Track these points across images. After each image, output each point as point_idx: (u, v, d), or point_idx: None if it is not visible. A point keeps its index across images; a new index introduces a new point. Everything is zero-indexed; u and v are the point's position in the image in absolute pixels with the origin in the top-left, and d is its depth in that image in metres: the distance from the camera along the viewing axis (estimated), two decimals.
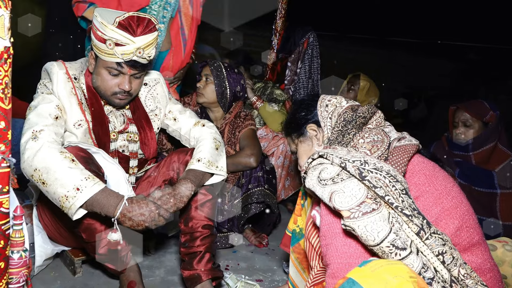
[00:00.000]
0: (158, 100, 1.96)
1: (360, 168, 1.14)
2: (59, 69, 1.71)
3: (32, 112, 1.62)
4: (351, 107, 1.42)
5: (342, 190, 1.12)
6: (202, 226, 1.77)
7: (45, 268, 1.93)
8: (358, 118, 1.37)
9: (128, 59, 1.65)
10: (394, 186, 1.12)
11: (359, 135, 1.32)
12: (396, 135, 1.33)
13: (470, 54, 7.66)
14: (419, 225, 1.09)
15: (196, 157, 1.78)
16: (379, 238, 1.06)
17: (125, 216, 1.49)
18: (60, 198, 1.45)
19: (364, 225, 1.07)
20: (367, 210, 1.08)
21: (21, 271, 1.06)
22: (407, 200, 1.12)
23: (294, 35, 3.52)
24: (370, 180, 1.12)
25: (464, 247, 1.17)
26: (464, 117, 2.58)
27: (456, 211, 1.20)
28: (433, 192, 1.21)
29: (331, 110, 1.44)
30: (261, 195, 2.28)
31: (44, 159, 1.48)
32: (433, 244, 1.09)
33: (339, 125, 1.37)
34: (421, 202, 1.19)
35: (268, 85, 3.13)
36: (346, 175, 1.16)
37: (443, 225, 1.17)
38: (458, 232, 1.17)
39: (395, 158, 1.23)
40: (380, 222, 1.07)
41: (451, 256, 1.09)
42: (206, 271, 1.74)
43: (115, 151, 1.83)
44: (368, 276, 0.98)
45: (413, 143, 1.29)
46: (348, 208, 1.10)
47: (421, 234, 1.09)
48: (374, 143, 1.28)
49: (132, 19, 1.62)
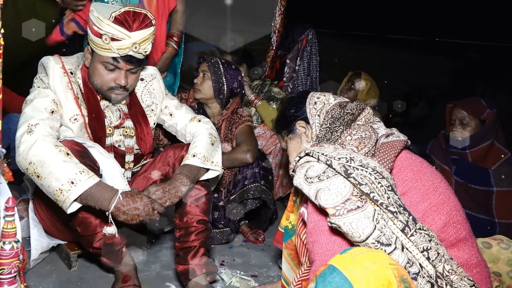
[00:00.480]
0: (155, 95, 1.97)
1: (346, 165, 1.15)
2: (55, 64, 1.72)
3: (28, 106, 1.63)
4: (339, 104, 1.42)
5: (327, 188, 1.13)
6: (197, 221, 1.78)
7: (41, 261, 1.94)
8: (346, 115, 1.37)
9: (124, 54, 1.66)
10: (380, 183, 1.13)
11: (346, 132, 1.33)
12: (384, 131, 1.33)
13: (469, 52, 7.64)
14: (404, 222, 1.10)
15: (191, 152, 1.78)
16: (364, 234, 1.07)
17: (119, 210, 1.49)
18: (55, 192, 1.46)
19: (349, 222, 1.08)
20: (352, 208, 1.09)
21: (13, 262, 1.07)
22: (392, 197, 1.13)
23: (293, 32, 3.52)
24: (356, 177, 1.13)
25: (450, 242, 1.18)
26: (461, 115, 2.58)
27: (443, 207, 1.20)
28: (420, 188, 1.21)
29: (319, 107, 1.44)
30: (257, 191, 2.28)
31: (39, 152, 1.48)
32: (418, 241, 1.10)
33: (327, 122, 1.38)
34: (407, 198, 1.19)
35: (266, 82, 3.13)
36: (332, 172, 1.17)
37: (430, 221, 1.18)
38: (445, 228, 1.18)
39: (382, 155, 1.23)
40: (364, 219, 1.09)
41: (436, 252, 1.10)
42: (200, 266, 1.74)
43: (111, 146, 1.84)
44: (348, 262, 1.00)
45: (401, 139, 1.29)
46: (333, 205, 1.11)
47: (406, 230, 1.09)
48: (362, 139, 1.28)
49: (128, 14, 1.63)
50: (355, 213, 1.09)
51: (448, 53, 7.66)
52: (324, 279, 0.99)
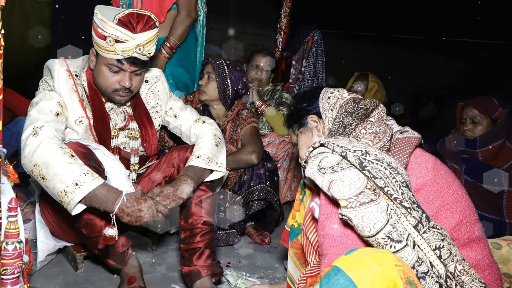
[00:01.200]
0: (159, 97, 1.97)
1: (361, 158, 1.13)
2: (60, 66, 1.73)
3: (33, 109, 1.64)
4: (353, 99, 1.41)
5: (341, 179, 1.11)
6: (202, 222, 1.78)
7: (47, 263, 1.95)
8: (360, 109, 1.36)
9: (128, 55, 1.66)
10: (394, 178, 1.11)
11: (361, 126, 1.32)
12: (398, 127, 1.33)
13: (478, 51, 7.56)
14: (418, 218, 1.08)
15: (195, 153, 1.78)
16: (375, 229, 1.05)
17: (123, 212, 1.49)
18: (59, 193, 1.46)
19: (361, 215, 1.06)
20: (365, 201, 1.08)
21: (15, 262, 1.07)
22: (407, 193, 1.11)
23: (298, 34, 3.51)
24: (370, 171, 1.11)
25: (463, 242, 1.16)
26: (472, 114, 2.54)
27: (456, 206, 1.19)
28: (434, 186, 1.19)
29: (333, 102, 1.43)
30: (263, 192, 2.27)
31: (44, 154, 1.49)
32: (430, 238, 1.08)
33: (341, 116, 1.37)
34: (421, 195, 1.18)
35: (278, 88, 3.07)
36: (347, 164, 1.15)
37: (443, 219, 1.16)
38: (457, 227, 1.16)
39: (397, 150, 1.22)
40: (377, 213, 1.07)
41: (449, 251, 1.08)
42: (205, 267, 1.74)
43: (116, 148, 1.84)
44: (352, 263, 0.98)
45: (416, 136, 1.28)
46: (346, 197, 1.09)
47: (419, 227, 1.08)
48: (376, 134, 1.27)
49: (132, 16, 1.63)
50: (368, 206, 1.07)
51: (455, 52, 7.58)
52: (328, 281, 0.97)
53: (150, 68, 1.99)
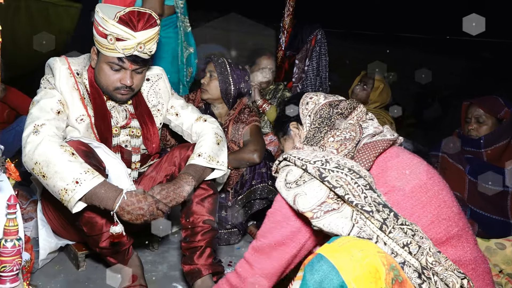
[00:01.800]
0: (161, 95, 1.97)
1: (321, 169, 1.16)
2: (62, 64, 1.73)
3: (34, 107, 1.65)
4: (329, 103, 1.41)
5: (304, 192, 1.16)
6: (203, 221, 1.77)
7: (49, 261, 1.95)
8: (334, 114, 1.36)
9: (129, 54, 1.66)
10: (356, 183, 1.14)
11: (330, 134, 1.32)
12: (372, 130, 1.32)
13: (483, 50, 7.50)
14: (381, 220, 1.10)
15: (197, 152, 1.78)
16: (344, 233, 1.09)
17: (124, 210, 1.49)
18: (60, 191, 1.47)
19: (328, 222, 1.10)
20: (328, 209, 1.12)
21: (15, 259, 1.07)
22: (370, 195, 1.13)
23: (301, 33, 3.50)
24: (330, 181, 1.14)
25: (440, 240, 1.16)
26: (477, 113, 2.51)
27: (430, 204, 1.19)
28: (405, 187, 1.20)
29: (310, 108, 1.43)
30: (265, 191, 2.26)
31: (45, 152, 1.49)
32: (397, 237, 1.09)
33: (316, 122, 1.37)
34: (392, 197, 1.19)
35: (280, 87, 3.07)
36: (308, 177, 1.19)
37: (415, 218, 1.17)
38: (431, 225, 1.17)
39: (361, 155, 1.24)
40: (342, 219, 1.11)
41: (417, 246, 1.09)
42: (206, 266, 1.73)
43: (117, 146, 1.84)
44: (335, 250, 1.02)
45: (386, 138, 1.28)
46: (310, 209, 1.13)
47: (383, 228, 1.10)
48: (343, 141, 1.28)
49: (132, 14, 1.63)
50: (332, 214, 1.11)
51: (460, 52, 7.53)
52: (312, 267, 1.01)
53: (151, 67, 1.99)
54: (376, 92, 3.14)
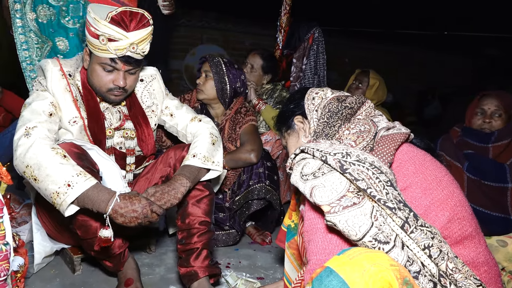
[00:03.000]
0: (155, 96, 1.94)
1: (342, 160, 1.10)
2: (53, 66, 1.71)
3: (26, 109, 1.62)
4: (337, 97, 1.38)
5: (322, 184, 1.08)
6: (199, 222, 1.75)
7: (45, 266, 1.93)
8: (344, 108, 1.33)
9: (121, 54, 1.64)
10: (378, 178, 1.08)
11: (344, 127, 1.28)
12: (385, 124, 1.28)
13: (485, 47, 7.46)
14: (404, 218, 1.04)
15: (191, 152, 1.76)
16: (361, 232, 1.02)
17: (117, 213, 1.46)
18: (52, 195, 1.44)
19: (345, 219, 1.03)
20: (348, 204, 1.04)
21: (2, 265, 1.04)
22: (392, 192, 1.07)
23: (299, 31, 3.47)
24: (352, 173, 1.08)
25: (455, 239, 1.12)
26: (495, 107, 2.39)
27: (447, 202, 1.14)
28: (422, 183, 1.15)
29: (317, 102, 1.40)
30: (263, 191, 2.24)
31: (36, 155, 1.47)
32: (418, 238, 1.04)
33: (324, 116, 1.34)
34: (409, 193, 1.14)
35: (277, 87, 3.05)
36: (327, 168, 1.12)
37: (433, 217, 1.12)
38: (448, 224, 1.12)
39: (380, 148, 1.18)
40: (361, 216, 1.03)
41: (439, 250, 1.04)
42: (203, 268, 1.71)
43: (111, 148, 1.82)
44: (345, 264, 0.94)
45: (402, 132, 1.24)
46: (328, 202, 1.06)
47: (405, 227, 1.04)
48: (360, 133, 1.23)
49: (125, 14, 1.61)
50: (351, 209, 1.03)
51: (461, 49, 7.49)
52: (321, 282, 0.93)
53: (145, 67, 1.97)
54: (372, 90, 3.11)
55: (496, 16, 5.46)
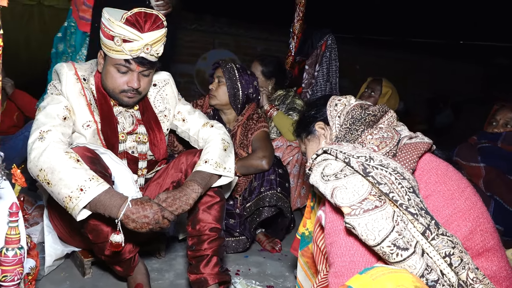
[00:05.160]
0: (167, 101, 1.95)
1: (365, 164, 1.09)
2: (68, 70, 1.72)
3: (40, 113, 1.63)
4: (360, 105, 1.39)
5: (344, 186, 1.08)
6: (210, 229, 1.74)
7: (55, 268, 1.93)
8: (367, 116, 1.33)
9: (136, 55, 1.64)
10: (400, 184, 1.07)
11: (367, 132, 1.28)
12: (408, 133, 1.28)
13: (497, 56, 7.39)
14: (425, 225, 1.02)
15: (203, 158, 1.75)
16: (380, 237, 1.00)
17: (129, 218, 1.46)
18: (64, 199, 1.44)
19: (364, 223, 1.02)
20: (369, 208, 1.03)
21: (16, 269, 1.04)
22: (414, 199, 1.06)
23: (311, 38, 3.47)
24: (374, 177, 1.07)
25: (477, 251, 1.10)
26: (507, 116, 2.46)
27: (469, 213, 1.12)
28: (445, 192, 1.14)
29: (340, 109, 1.40)
30: (274, 198, 2.23)
31: (50, 159, 1.47)
32: (439, 245, 1.02)
33: (347, 122, 1.34)
34: (431, 202, 1.12)
35: (290, 93, 3.04)
36: (350, 171, 1.11)
37: (455, 226, 1.10)
38: (471, 235, 1.10)
39: (404, 155, 1.17)
40: (382, 220, 1.02)
41: (459, 259, 1.02)
42: (213, 275, 1.70)
43: (124, 152, 1.82)
44: (368, 284, 0.92)
45: (425, 141, 1.23)
46: (349, 204, 1.05)
47: (427, 234, 1.02)
48: (383, 139, 1.22)
49: (139, 15, 1.61)
50: (372, 213, 1.02)
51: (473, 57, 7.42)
52: None
53: (159, 72, 1.97)
54: (384, 98, 3.09)
55: (506, 25, 5.42)
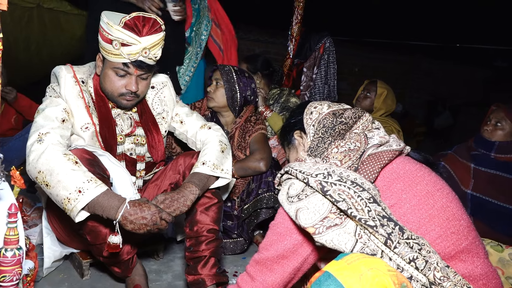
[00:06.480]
0: (165, 103, 1.96)
1: (323, 182, 1.13)
2: (67, 73, 1.73)
3: (39, 115, 1.65)
4: (333, 112, 1.37)
5: (306, 207, 1.13)
6: (207, 230, 1.75)
7: (54, 270, 1.94)
8: (338, 124, 1.33)
9: (134, 59, 1.66)
10: (359, 196, 1.10)
11: (334, 144, 1.29)
12: (378, 140, 1.28)
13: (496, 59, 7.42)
14: (385, 235, 1.07)
15: (201, 160, 1.76)
16: (347, 249, 1.06)
17: (127, 219, 1.47)
18: (63, 200, 1.45)
19: (330, 238, 1.07)
20: (330, 225, 1.09)
21: (14, 269, 1.06)
22: (374, 209, 1.09)
23: (310, 41, 3.49)
24: (332, 195, 1.11)
25: (449, 254, 1.12)
26: (498, 116, 2.47)
27: (438, 217, 1.14)
28: (411, 200, 1.16)
29: (315, 117, 1.39)
30: (271, 200, 2.24)
31: (48, 161, 1.49)
32: (403, 252, 1.06)
33: (319, 132, 1.34)
34: (397, 211, 1.15)
35: (284, 92, 3.06)
36: (310, 190, 1.16)
37: (423, 231, 1.13)
38: (439, 239, 1.12)
39: (365, 167, 1.20)
40: (345, 234, 1.08)
41: (424, 261, 1.05)
42: (210, 276, 1.71)
43: (122, 154, 1.84)
44: (343, 268, 0.97)
45: (392, 149, 1.24)
46: (312, 224, 1.10)
47: (388, 243, 1.06)
48: (347, 152, 1.24)
49: (137, 19, 1.63)
50: (334, 229, 1.08)
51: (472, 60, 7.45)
52: (319, 286, 0.97)
53: (157, 74, 1.99)
54: (380, 99, 3.11)
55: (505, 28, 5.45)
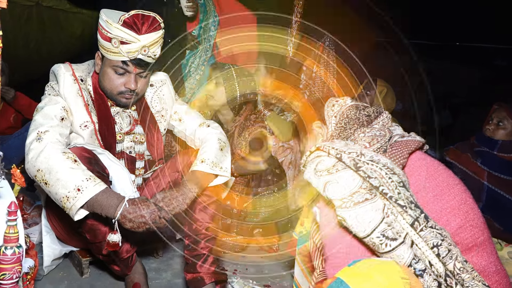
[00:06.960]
0: (164, 101, 1.96)
1: (356, 159, 1.14)
2: (66, 71, 1.73)
3: (38, 114, 1.65)
4: (356, 106, 1.41)
5: (336, 181, 1.12)
6: (206, 228, 1.75)
7: (53, 268, 1.95)
8: (361, 116, 1.35)
9: (133, 57, 1.66)
10: (390, 178, 1.11)
11: (360, 130, 1.31)
12: (400, 132, 1.31)
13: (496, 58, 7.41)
14: (414, 217, 1.07)
15: (200, 158, 1.76)
16: (369, 228, 1.05)
17: (126, 218, 1.48)
18: (62, 199, 1.46)
19: (355, 215, 1.06)
20: (360, 200, 1.08)
21: (14, 267, 1.06)
22: (404, 193, 1.10)
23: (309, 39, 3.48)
24: (365, 171, 1.11)
25: (466, 246, 1.13)
26: (501, 115, 2.49)
27: (459, 209, 1.16)
28: (434, 188, 1.17)
29: (336, 109, 1.43)
30: (271, 198, 2.24)
31: (47, 159, 1.49)
32: (428, 236, 1.06)
33: (342, 122, 1.37)
34: (420, 197, 1.16)
35: None
36: (342, 166, 1.16)
37: (444, 222, 1.13)
38: (459, 230, 1.13)
39: (394, 151, 1.21)
40: (372, 211, 1.06)
41: (447, 249, 1.06)
42: (209, 274, 1.71)
43: (121, 152, 1.84)
44: (356, 275, 0.96)
45: (417, 140, 1.26)
46: (340, 197, 1.10)
47: (415, 225, 1.06)
48: (374, 137, 1.26)
49: (137, 17, 1.63)
50: (362, 205, 1.07)
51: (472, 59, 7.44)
52: None
53: (156, 72, 1.99)
54: (380, 97, 3.12)
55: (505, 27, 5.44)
